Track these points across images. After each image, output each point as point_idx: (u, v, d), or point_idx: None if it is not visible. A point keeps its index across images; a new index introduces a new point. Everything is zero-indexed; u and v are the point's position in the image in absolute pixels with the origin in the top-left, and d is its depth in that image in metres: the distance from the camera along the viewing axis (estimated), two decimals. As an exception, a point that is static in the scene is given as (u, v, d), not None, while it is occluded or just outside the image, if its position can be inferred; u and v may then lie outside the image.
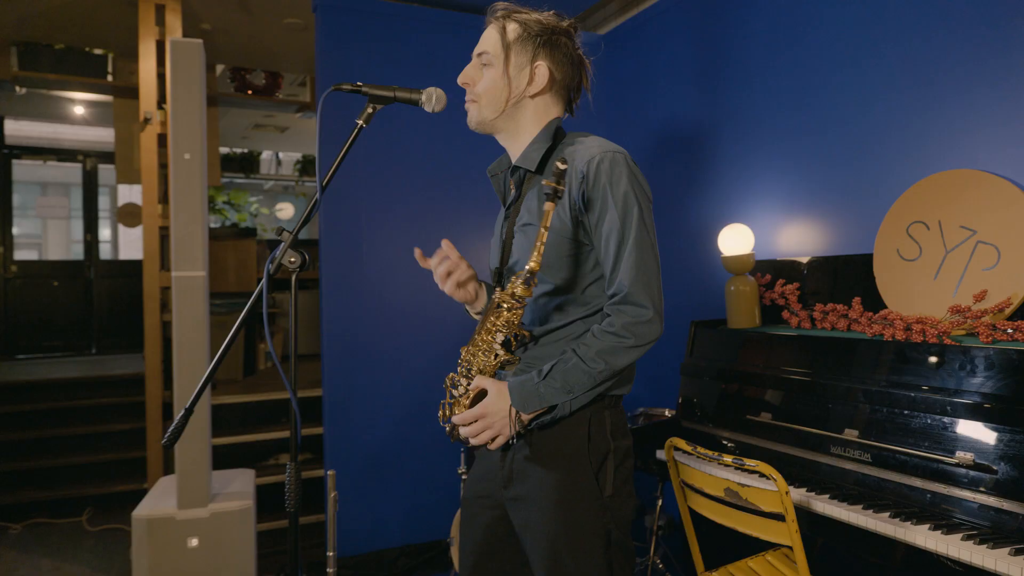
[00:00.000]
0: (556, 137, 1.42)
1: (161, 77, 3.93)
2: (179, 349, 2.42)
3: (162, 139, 3.96)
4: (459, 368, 1.39)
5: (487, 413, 1.29)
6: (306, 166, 10.11)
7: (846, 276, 2.32)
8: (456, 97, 1.48)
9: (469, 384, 1.35)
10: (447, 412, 1.39)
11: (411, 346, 3.18)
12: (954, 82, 2.04)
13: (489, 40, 1.41)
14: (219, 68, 5.64)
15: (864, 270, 2.22)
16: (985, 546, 1.46)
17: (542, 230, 1.23)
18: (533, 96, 1.41)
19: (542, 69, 1.39)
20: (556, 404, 1.28)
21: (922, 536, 1.54)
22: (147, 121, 3.85)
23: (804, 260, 2.46)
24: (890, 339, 1.95)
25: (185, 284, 2.43)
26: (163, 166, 4.04)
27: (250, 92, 5.51)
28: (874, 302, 2.15)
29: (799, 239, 2.59)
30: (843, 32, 2.40)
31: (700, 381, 2.45)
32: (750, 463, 1.62)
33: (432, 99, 1.41)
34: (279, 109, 6.23)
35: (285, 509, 1.34)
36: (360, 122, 1.40)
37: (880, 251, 2.15)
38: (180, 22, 3.84)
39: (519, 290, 1.26)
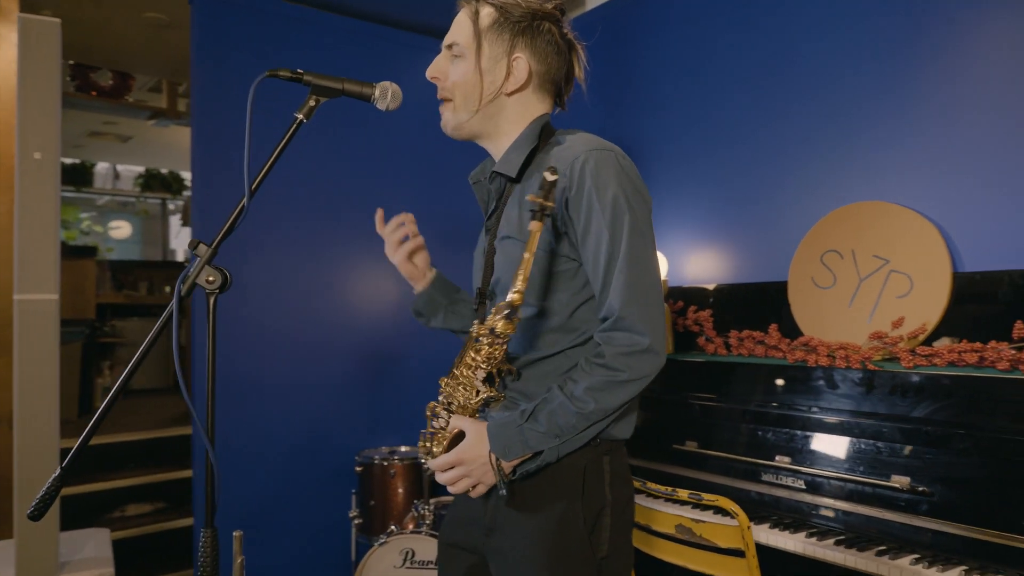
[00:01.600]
0: (543, 137, 1.24)
1: (-11, 67, 3.36)
2: (22, 388, 2.01)
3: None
4: (440, 398, 1.19)
5: (464, 460, 1.11)
6: (149, 181, 9.23)
7: (756, 303, 2.36)
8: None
9: (450, 418, 1.17)
10: (428, 444, 1.19)
11: (298, 377, 2.88)
12: (864, 114, 2.15)
13: (460, 28, 1.23)
14: (55, 64, 4.98)
15: (775, 297, 2.27)
16: (934, 569, 1.48)
17: (527, 256, 1.05)
18: (511, 93, 1.23)
19: (521, 63, 1.21)
20: (542, 450, 1.11)
21: (874, 563, 1.54)
22: (-30, 117, 3.26)
23: (711, 287, 2.49)
24: (814, 365, 1.98)
25: (32, 309, 2.03)
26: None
27: (94, 93, 4.90)
28: (787, 329, 2.19)
29: (708, 265, 2.62)
30: (751, 59, 2.47)
31: (617, 410, 2.38)
32: (708, 498, 1.55)
33: (387, 95, 1.22)
34: (128, 115, 5.61)
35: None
36: (300, 116, 1.19)
37: (795, 278, 2.21)
38: (17, 5, 3.31)
39: (499, 326, 1.07)
